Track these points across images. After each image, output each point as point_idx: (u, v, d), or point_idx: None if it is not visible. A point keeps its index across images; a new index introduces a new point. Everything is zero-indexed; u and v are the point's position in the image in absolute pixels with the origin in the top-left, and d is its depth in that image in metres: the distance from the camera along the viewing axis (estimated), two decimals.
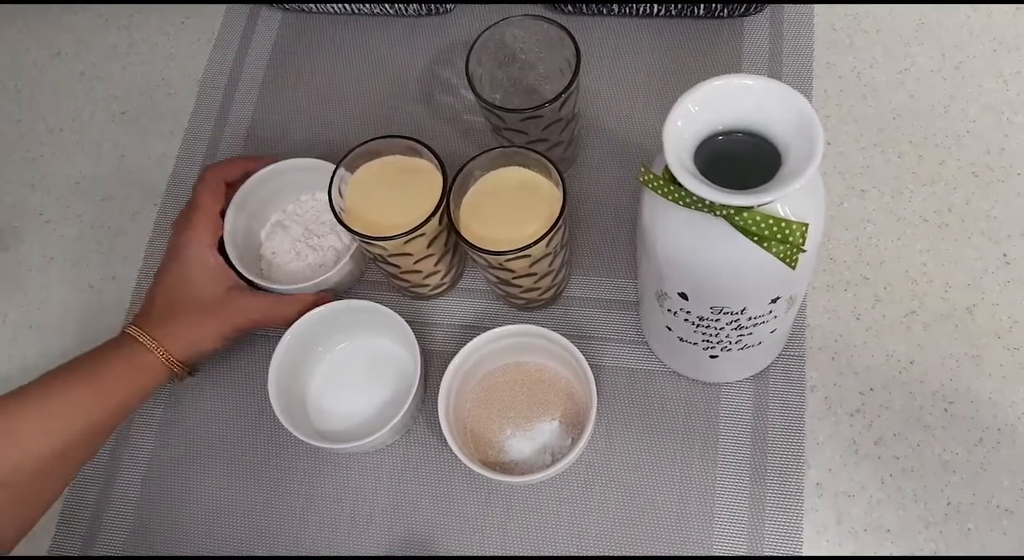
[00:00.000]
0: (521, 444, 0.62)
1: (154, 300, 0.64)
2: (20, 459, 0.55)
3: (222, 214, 0.66)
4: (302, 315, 0.63)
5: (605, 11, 0.76)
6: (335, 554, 0.63)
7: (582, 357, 0.59)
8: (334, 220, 0.64)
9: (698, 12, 0.74)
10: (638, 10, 0.75)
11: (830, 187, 0.68)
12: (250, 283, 0.66)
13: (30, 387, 0.58)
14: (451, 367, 0.60)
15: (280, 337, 0.63)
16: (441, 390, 0.60)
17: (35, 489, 0.57)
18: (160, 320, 0.62)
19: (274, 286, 0.65)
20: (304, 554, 0.63)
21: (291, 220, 0.70)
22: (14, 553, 0.57)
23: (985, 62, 0.71)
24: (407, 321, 0.62)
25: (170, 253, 0.65)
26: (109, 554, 0.65)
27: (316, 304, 0.64)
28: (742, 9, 0.73)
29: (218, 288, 0.64)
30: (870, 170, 0.69)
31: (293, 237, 0.69)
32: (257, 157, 0.69)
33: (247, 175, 0.67)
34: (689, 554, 0.60)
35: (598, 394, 0.59)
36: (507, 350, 0.63)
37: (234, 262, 0.65)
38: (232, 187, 0.67)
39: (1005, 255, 0.65)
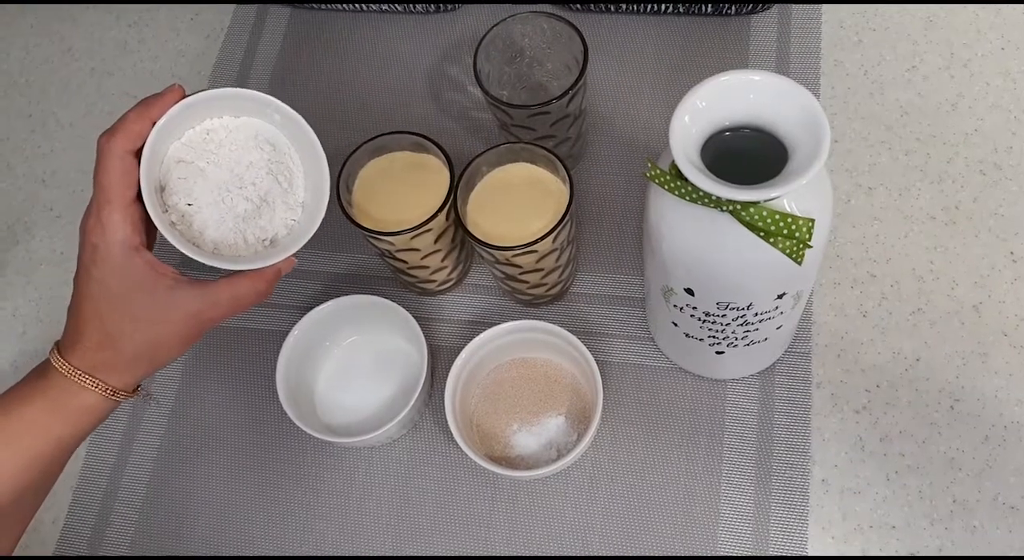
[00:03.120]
0: (527, 439, 0.62)
1: (82, 328, 0.50)
2: None
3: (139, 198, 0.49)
4: (266, 293, 0.52)
5: (613, 8, 0.76)
6: (341, 549, 0.63)
7: (588, 353, 0.59)
8: (269, 158, 0.53)
9: (706, 10, 0.74)
10: (646, 7, 0.75)
11: (837, 184, 0.68)
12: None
13: None
14: (458, 362, 0.61)
15: (288, 332, 0.63)
16: (448, 385, 0.60)
17: None
18: (96, 351, 0.49)
19: (218, 264, 0.51)
20: (310, 548, 0.64)
21: (205, 161, 0.52)
22: (16, 553, 0.57)
23: (993, 60, 0.71)
24: (414, 316, 0.63)
25: (88, 259, 0.49)
26: (117, 553, 0.66)
27: (280, 274, 0.53)
28: (750, 7, 0.73)
29: (157, 294, 0.49)
30: (877, 168, 0.69)
31: (219, 187, 0.52)
32: (159, 95, 0.50)
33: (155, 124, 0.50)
34: (694, 553, 0.60)
35: (604, 390, 0.59)
36: (513, 346, 0.63)
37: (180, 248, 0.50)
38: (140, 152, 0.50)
39: (1012, 253, 0.65)
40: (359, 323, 0.66)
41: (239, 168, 0.52)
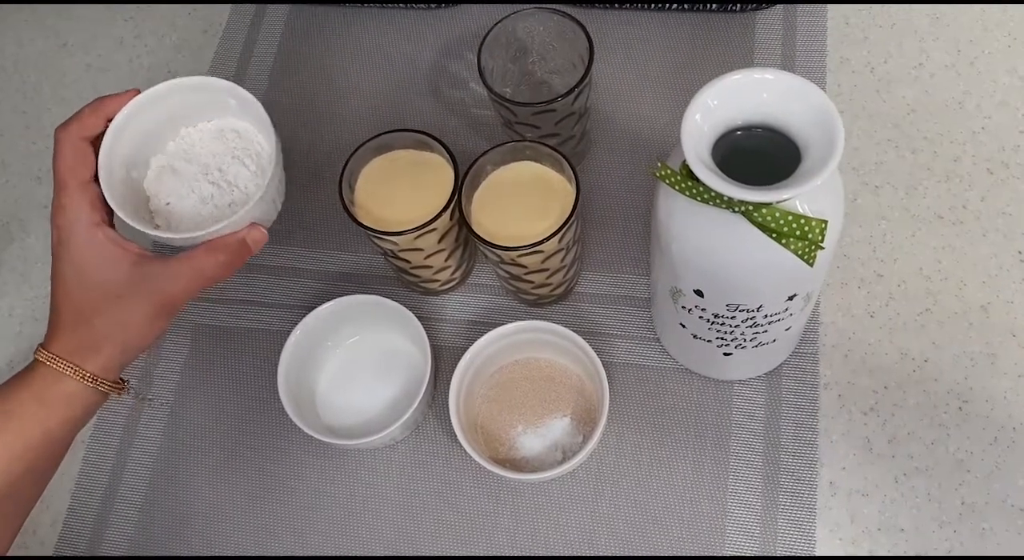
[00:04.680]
0: (532, 441, 0.61)
1: (58, 308, 0.52)
2: None
3: (97, 180, 0.53)
4: (229, 264, 0.53)
5: (617, 5, 0.75)
6: (343, 551, 0.63)
7: (594, 354, 0.59)
8: (237, 149, 0.57)
9: (711, 6, 0.73)
10: (650, 4, 0.74)
11: (844, 183, 0.67)
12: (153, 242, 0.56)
13: None
14: (462, 363, 0.60)
15: (289, 332, 0.62)
16: (452, 386, 0.59)
17: None
18: (71, 333, 0.51)
19: (176, 237, 0.53)
20: (312, 550, 0.63)
21: (179, 160, 0.57)
22: (18, 552, 0.56)
23: (1000, 58, 0.71)
24: (417, 316, 0.62)
25: (55, 250, 0.52)
26: (115, 554, 0.65)
27: (246, 244, 0.53)
28: (755, 4, 0.72)
29: (121, 268, 0.51)
30: (884, 166, 0.68)
31: (188, 178, 0.56)
32: (112, 95, 0.54)
33: (109, 121, 0.54)
34: (701, 554, 0.59)
35: (609, 391, 0.58)
36: (518, 346, 0.63)
37: (130, 224, 0.53)
38: (98, 143, 0.54)
39: (1020, 253, 0.65)
40: (361, 323, 0.66)
41: (206, 158, 0.57)
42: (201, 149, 0.57)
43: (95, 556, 0.65)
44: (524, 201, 0.59)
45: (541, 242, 0.56)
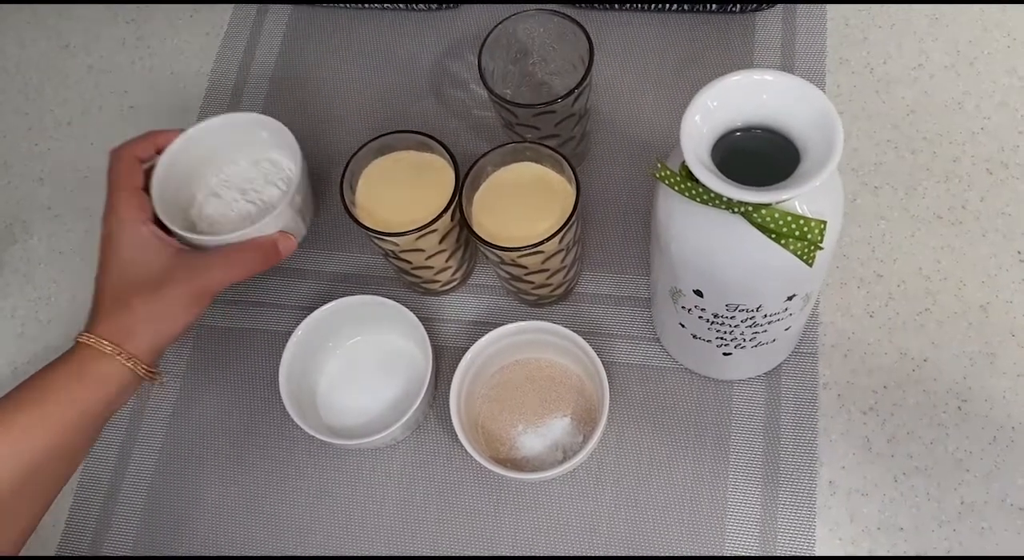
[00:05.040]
0: (532, 441, 0.61)
1: (101, 295, 0.57)
2: None
3: (146, 190, 0.61)
4: (267, 261, 0.60)
5: (617, 6, 0.75)
6: (344, 551, 0.63)
7: (594, 354, 0.59)
8: (270, 172, 0.66)
9: (710, 7, 0.74)
10: (650, 5, 0.74)
11: (843, 183, 0.67)
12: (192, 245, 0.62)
13: None
14: (463, 363, 0.60)
15: (291, 333, 0.63)
16: (453, 386, 0.60)
17: None
18: (112, 316, 0.56)
19: (212, 239, 0.61)
20: (313, 550, 0.63)
21: (221, 187, 0.66)
22: (21, 552, 0.57)
23: (1000, 58, 0.71)
24: (418, 317, 0.62)
25: (103, 245, 0.59)
26: (118, 553, 0.65)
27: (276, 246, 0.61)
28: (755, 5, 0.73)
29: (162, 258, 0.58)
30: (883, 167, 0.68)
31: (228, 201, 0.65)
32: (163, 130, 0.63)
33: (159, 151, 0.62)
34: (701, 553, 0.60)
35: (609, 391, 0.58)
36: (518, 346, 0.63)
37: (174, 230, 0.61)
38: (146, 165, 0.62)
39: (1019, 253, 0.65)
40: (362, 323, 0.66)
41: (244, 184, 0.66)
42: (239, 176, 0.66)
43: (97, 556, 0.65)
44: (525, 202, 0.60)
45: (541, 243, 0.56)
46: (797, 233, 0.45)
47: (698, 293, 0.51)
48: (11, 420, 0.52)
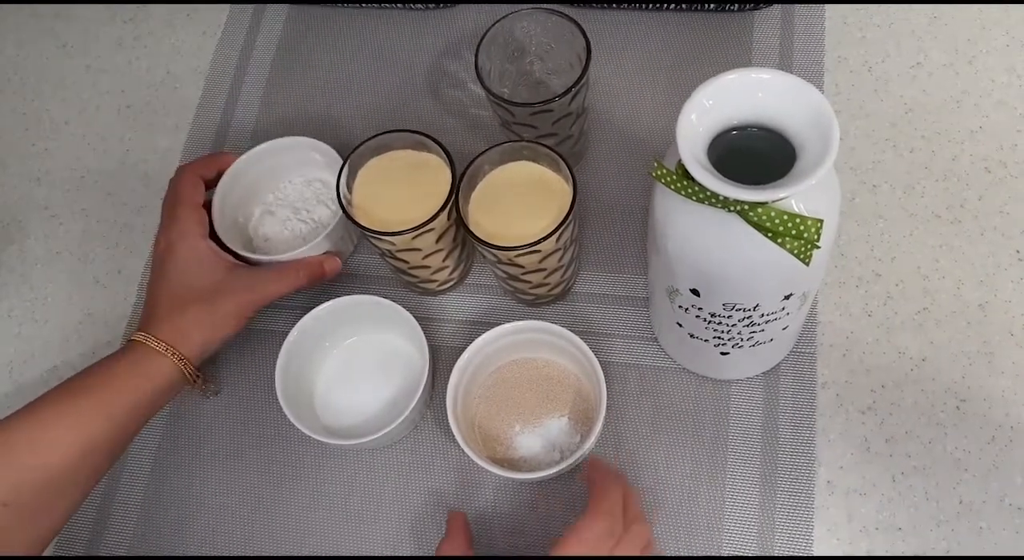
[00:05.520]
0: (529, 441, 0.61)
1: (157, 300, 0.62)
2: (22, 479, 0.53)
3: (205, 207, 0.65)
4: (312, 279, 0.64)
5: (615, 5, 0.75)
6: (342, 551, 0.63)
7: (592, 354, 0.59)
8: (321, 192, 0.70)
9: (708, 6, 0.73)
10: (648, 4, 0.74)
11: (841, 182, 0.67)
12: (245, 261, 0.66)
13: (37, 403, 0.56)
14: (460, 362, 0.60)
15: (287, 332, 0.63)
16: (450, 385, 0.59)
17: (41, 508, 0.54)
18: (166, 320, 0.61)
19: (265, 257, 0.65)
20: (311, 550, 0.63)
21: (276, 206, 0.70)
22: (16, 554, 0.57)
23: (998, 57, 0.71)
24: (415, 316, 0.62)
25: (162, 254, 0.63)
26: (114, 553, 0.65)
27: (322, 267, 0.65)
28: (753, 3, 0.72)
29: (218, 271, 0.63)
30: (882, 165, 0.68)
31: (282, 219, 0.69)
32: (228, 153, 0.69)
33: (220, 173, 0.67)
34: (699, 553, 0.59)
35: (607, 391, 0.58)
36: (516, 346, 0.63)
37: (232, 249, 0.65)
38: (208, 184, 0.67)
39: (1018, 252, 0.65)
40: (359, 323, 0.66)
41: (298, 203, 0.70)
42: (294, 196, 0.70)
43: (94, 556, 0.65)
44: (521, 201, 0.59)
45: (538, 242, 0.56)
46: (794, 232, 0.44)
47: (695, 292, 0.51)
48: (76, 405, 0.56)
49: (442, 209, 0.58)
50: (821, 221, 0.44)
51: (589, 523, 0.51)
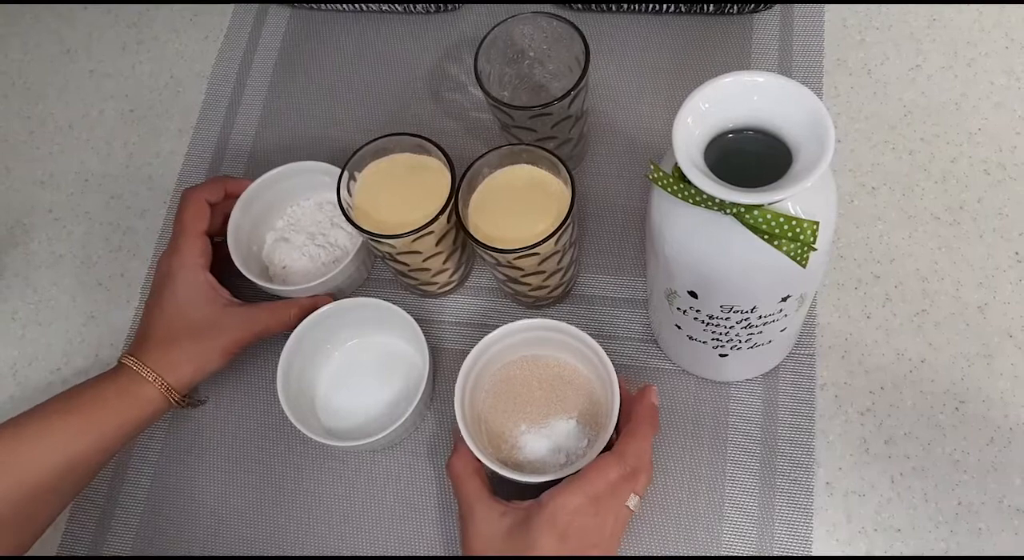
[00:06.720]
0: (535, 442, 0.60)
1: (151, 326, 0.63)
2: (3, 494, 0.55)
3: (208, 234, 0.66)
4: (302, 319, 0.63)
5: (614, 8, 0.75)
6: (343, 551, 0.63)
7: (606, 357, 0.58)
8: (335, 215, 0.69)
9: (708, 9, 0.74)
10: (647, 7, 0.74)
11: (840, 184, 0.68)
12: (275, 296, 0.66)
13: (24, 417, 0.58)
14: (468, 360, 0.59)
15: (288, 334, 0.63)
16: (458, 382, 0.59)
17: (21, 519, 0.56)
18: (158, 349, 0.62)
19: (293, 288, 0.65)
20: (312, 551, 0.63)
21: (289, 232, 0.69)
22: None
23: (997, 59, 0.71)
24: (415, 319, 0.62)
25: (161, 280, 0.64)
26: (118, 554, 0.65)
27: (315, 307, 0.64)
28: (752, 6, 0.73)
29: (214, 308, 0.63)
30: (881, 167, 0.68)
31: (299, 245, 0.69)
32: (232, 176, 0.69)
33: (228, 195, 0.67)
34: (698, 554, 0.60)
35: None
36: (526, 343, 0.62)
37: (251, 279, 0.66)
38: (214, 207, 0.66)
39: (1017, 253, 0.65)
40: (360, 325, 0.66)
41: (311, 227, 0.69)
42: (306, 220, 0.70)
43: (97, 557, 0.66)
44: (521, 203, 0.60)
45: (538, 244, 0.56)
46: (790, 234, 0.45)
47: (693, 294, 0.51)
48: (64, 422, 0.58)
49: (442, 212, 0.58)
50: (817, 223, 0.44)
51: (604, 466, 0.54)
